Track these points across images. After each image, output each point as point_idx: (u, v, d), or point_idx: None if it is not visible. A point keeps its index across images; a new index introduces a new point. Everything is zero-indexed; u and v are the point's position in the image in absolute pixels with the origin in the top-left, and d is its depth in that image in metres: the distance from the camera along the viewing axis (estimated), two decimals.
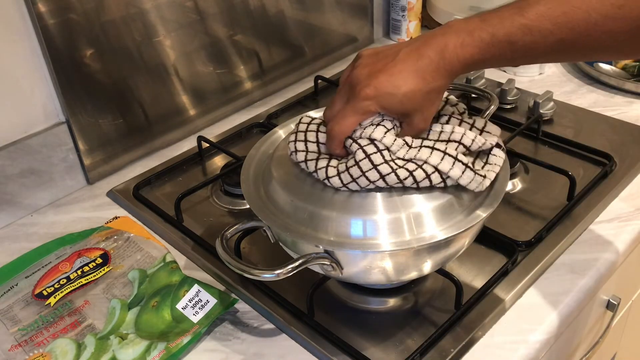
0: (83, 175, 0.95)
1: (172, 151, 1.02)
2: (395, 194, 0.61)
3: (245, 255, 0.79)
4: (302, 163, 0.64)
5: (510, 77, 1.17)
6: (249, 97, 1.14)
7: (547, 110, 1.02)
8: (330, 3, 1.21)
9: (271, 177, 0.67)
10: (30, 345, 0.68)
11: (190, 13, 0.98)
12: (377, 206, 0.60)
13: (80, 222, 0.88)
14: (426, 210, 0.60)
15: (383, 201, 0.61)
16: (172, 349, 0.66)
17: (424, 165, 0.60)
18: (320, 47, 1.19)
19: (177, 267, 0.76)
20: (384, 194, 0.61)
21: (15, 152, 0.86)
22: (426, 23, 1.40)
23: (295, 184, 0.65)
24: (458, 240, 0.63)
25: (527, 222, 0.82)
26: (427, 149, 0.61)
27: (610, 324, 0.94)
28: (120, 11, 0.90)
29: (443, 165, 0.60)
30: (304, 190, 0.63)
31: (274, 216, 0.64)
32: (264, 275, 0.59)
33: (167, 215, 0.86)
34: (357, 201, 0.61)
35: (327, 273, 0.63)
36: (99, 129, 0.94)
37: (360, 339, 0.67)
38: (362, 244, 0.60)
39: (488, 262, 0.76)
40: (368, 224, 0.60)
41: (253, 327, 0.70)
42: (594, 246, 0.78)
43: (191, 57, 1.02)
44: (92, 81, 0.90)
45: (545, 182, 0.88)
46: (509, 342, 0.67)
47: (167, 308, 0.70)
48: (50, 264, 0.78)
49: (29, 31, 0.82)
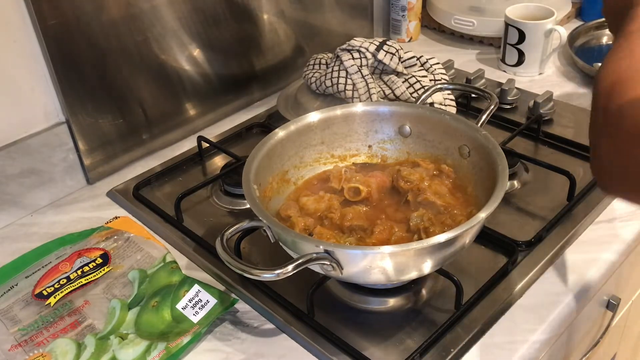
0: (83, 175, 0.95)
1: (172, 151, 1.02)
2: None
3: (245, 255, 0.79)
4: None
5: (510, 77, 1.17)
6: (249, 97, 1.14)
7: (547, 110, 1.02)
8: (330, 3, 1.21)
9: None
10: (30, 345, 0.68)
11: (190, 13, 0.98)
12: None
13: (80, 222, 0.88)
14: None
15: None
16: (172, 349, 0.66)
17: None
18: (320, 47, 1.19)
19: (177, 267, 0.76)
20: None
21: (15, 152, 0.86)
22: (426, 23, 1.40)
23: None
24: (458, 240, 0.63)
25: (527, 222, 0.82)
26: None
27: (610, 324, 0.94)
28: (120, 11, 0.90)
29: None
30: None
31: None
32: (264, 275, 0.59)
33: (167, 215, 0.86)
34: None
35: (327, 273, 0.63)
36: (99, 129, 0.94)
37: (360, 339, 0.67)
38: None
39: (488, 262, 0.76)
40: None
41: (253, 327, 0.70)
42: (594, 246, 0.78)
43: (191, 57, 1.02)
44: (92, 81, 0.90)
45: (545, 182, 0.88)
46: (509, 342, 0.67)
47: (167, 308, 0.70)
48: (50, 264, 0.78)
49: (29, 31, 0.82)
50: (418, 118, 0.81)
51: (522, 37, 1.15)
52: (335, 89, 0.94)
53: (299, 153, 0.80)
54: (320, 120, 0.80)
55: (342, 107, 0.82)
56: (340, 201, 0.75)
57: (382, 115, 0.82)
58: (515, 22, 1.15)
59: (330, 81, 0.95)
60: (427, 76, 0.98)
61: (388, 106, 0.82)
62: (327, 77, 0.95)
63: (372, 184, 0.77)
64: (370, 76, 0.94)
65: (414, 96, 0.95)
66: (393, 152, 0.83)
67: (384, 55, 0.94)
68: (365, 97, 0.93)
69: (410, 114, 0.81)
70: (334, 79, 0.94)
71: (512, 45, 1.17)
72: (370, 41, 0.96)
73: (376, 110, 0.82)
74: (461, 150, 0.77)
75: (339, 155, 0.83)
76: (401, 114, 0.82)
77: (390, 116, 0.82)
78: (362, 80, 0.93)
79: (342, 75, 0.94)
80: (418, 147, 0.82)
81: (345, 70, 0.94)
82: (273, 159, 0.76)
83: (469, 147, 0.76)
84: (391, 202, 0.76)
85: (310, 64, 1.03)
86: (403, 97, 0.95)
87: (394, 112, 0.82)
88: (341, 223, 0.71)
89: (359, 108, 0.82)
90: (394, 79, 0.95)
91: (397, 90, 0.95)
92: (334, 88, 0.94)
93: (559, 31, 1.14)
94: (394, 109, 0.82)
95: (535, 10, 1.17)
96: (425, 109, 0.82)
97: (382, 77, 0.97)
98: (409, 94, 0.95)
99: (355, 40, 0.96)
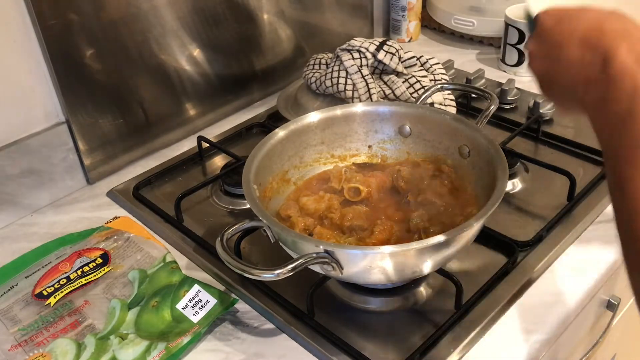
0: (83, 175, 0.95)
1: (172, 151, 1.02)
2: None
3: (245, 255, 0.79)
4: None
5: (510, 77, 1.17)
6: (249, 97, 1.14)
7: (547, 110, 1.02)
8: (330, 3, 1.21)
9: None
10: (30, 345, 0.68)
11: (190, 13, 0.98)
12: None
13: (80, 222, 0.88)
14: None
15: None
16: (172, 349, 0.66)
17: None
18: (320, 47, 1.19)
19: (177, 267, 0.76)
20: None
21: (15, 152, 0.85)
22: (426, 23, 1.40)
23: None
24: (458, 240, 0.63)
25: (527, 222, 0.82)
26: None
27: (610, 324, 0.94)
28: (120, 11, 0.90)
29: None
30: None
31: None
32: (264, 275, 0.59)
33: (167, 215, 0.86)
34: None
35: (327, 273, 0.63)
36: (99, 129, 0.94)
37: (360, 339, 0.67)
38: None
39: (488, 262, 0.76)
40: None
41: (253, 327, 0.70)
42: (594, 246, 0.78)
43: (191, 56, 1.02)
44: (92, 81, 0.90)
45: (545, 182, 0.88)
46: (509, 342, 0.67)
47: (167, 308, 0.70)
48: (50, 264, 0.78)
49: (29, 31, 0.82)
50: (418, 118, 0.81)
51: (522, 37, 1.15)
52: (335, 89, 0.94)
53: (299, 153, 0.80)
54: (320, 120, 0.80)
55: (342, 107, 0.82)
56: (340, 201, 0.75)
57: (382, 115, 0.82)
58: (516, 22, 1.15)
59: (330, 81, 0.95)
60: (427, 76, 0.98)
61: (388, 106, 0.82)
62: (327, 77, 0.95)
63: (372, 184, 0.77)
64: (370, 76, 0.94)
65: (414, 96, 0.95)
66: (393, 152, 0.83)
67: (384, 55, 0.94)
68: (365, 97, 0.93)
69: (410, 114, 0.81)
70: (334, 79, 0.94)
71: (512, 45, 1.17)
72: (370, 41, 0.96)
73: (376, 110, 0.82)
74: (461, 150, 0.77)
75: (339, 155, 0.83)
76: (401, 114, 0.82)
77: (390, 116, 0.82)
78: (362, 80, 0.93)
79: (342, 75, 0.94)
80: (418, 147, 0.82)
81: (345, 70, 0.94)
82: (273, 159, 0.76)
83: (469, 147, 0.76)
84: (391, 202, 0.76)
85: (310, 64, 1.03)
86: (403, 97, 0.95)
87: (394, 112, 0.82)
88: (341, 223, 0.71)
89: (359, 108, 0.82)
90: (394, 79, 0.95)
91: (397, 90, 0.95)
92: (334, 88, 0.94)
93: None
94: (394, 109, 0.82)
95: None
96: (425, 109, 0.82)
97: (382, 77, 0.97)
98: (409, 94, 0.95)
99: (355, 40, 0.96)
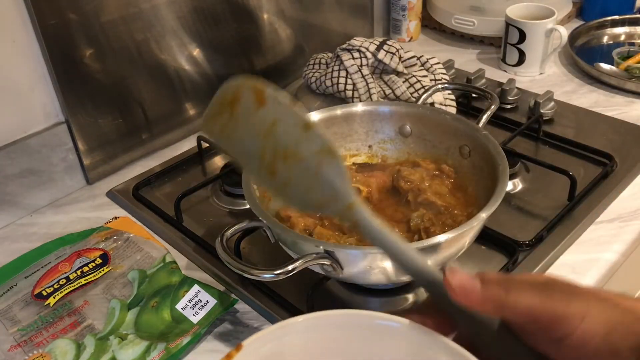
0: (83, 175, 0.95)
1: (172, 151, 1.02)
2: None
3: (245, 255, 0.79)
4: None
5: (510, 77, 1.17)
6: None
7: (548, 110, 1.02)
8: (330, 3, 1.21)
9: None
10: (30, 346, 0.68)
11: (190, 13, 0.98)
12: None
13: (79, 222, 0.88)
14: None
15: None
16: (172, 349, 0.66)
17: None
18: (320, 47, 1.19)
19: (176, 268, 0.76)
20: None
21: (14, 152, 0.85)
22: (426, 23, 1.40)
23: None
24: (458, 241, 0.62)
25: (528, 222, 0.82)
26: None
27: None
28: (120, 11, 0.89)
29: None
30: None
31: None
32: (264, 275, 0.59)
33: (167, 215, 0.86)
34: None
35: (327, 273, 0.63)
36: (98, 129, 0.93)
37: None
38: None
39: (488, 262, 0.75)
40: None
41: (253, 327, 0.70)
42: (594, 246, 0.78)
43: (191, 56, 1.01)
44: (92, 81, 0.90)
45: (545, 182, 0.88)
46: None
47: (167, 308, 0.70)
48: (50, 264, 0.78)
49: (29, 31, 0.82)
50: (418, 118, 0.81)
51: (523, 36, 1.14)
52: (335, 89, 0.94)
53: None
54: (320, 120, 0.80)
55: (342, 107, 0.82)
56: None
57: (383, 115, 0.82)
58: (516, 21, 1.14)
59: (330, 81, 0.95)
60: (427, 76, 0.98)
61: (388, 106, 0.82)
62: (327, 77, 0.95)
63: (372, 184, 0.77)
64: (370, 76, 0.94)
65: (414, 96, 0.95)
66: (393, 152, 0.83)
67: (384, 55, 0.94)
68: (366, 97, 0.93)
69: (411, 114, 0.81)
70: (334, 79, 0.94)
71: (512, 45, 1.17)
72: (370, 41, 0.96)
73: (376, 110, 0.82)
74: (461, 150, 0.77)
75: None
76: (401, 114, 0.81)
77: (390, 116, 0.82)
78: (362, 80, 0.93)
79: (342, 75, 0.94)
80: (418, 147, 0.82)
81: (346, 70, 0.94)
82: None
83: (469, 147, 0.76)
84: (391, 202, 0.76)
85: (310, 64, 1.03)
86: (403, 97, 0.95)
87: (394, 112, 0.82)
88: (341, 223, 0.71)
89: (359, 108, 0.82)
90: (394, 79, 0.95)
91: (398, 90, 0.95)
92: (334, 88, 0.94)
93: (559, 31, 1.14)
94: (394, 109, 0.82)
95: (535, 9, 1.17)
96: (425, 109, 0.82)
97: (383, 76, 0.97)
98: (409, 94, 0.95)
99: (355, 40, 0.96)
